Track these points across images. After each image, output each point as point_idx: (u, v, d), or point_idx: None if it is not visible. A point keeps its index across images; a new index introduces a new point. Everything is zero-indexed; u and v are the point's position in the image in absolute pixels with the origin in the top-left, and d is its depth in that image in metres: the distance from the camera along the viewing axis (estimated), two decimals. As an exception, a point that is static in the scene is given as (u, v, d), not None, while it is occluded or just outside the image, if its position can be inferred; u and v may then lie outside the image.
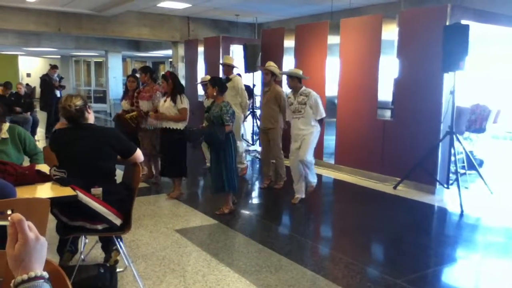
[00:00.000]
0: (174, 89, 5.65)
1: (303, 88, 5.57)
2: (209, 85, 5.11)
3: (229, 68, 7.06)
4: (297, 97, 5.54)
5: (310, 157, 5.59)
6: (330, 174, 7.45)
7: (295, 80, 5.56)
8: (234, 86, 6.86)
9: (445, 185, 6.10)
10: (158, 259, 3.90)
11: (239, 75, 7.62)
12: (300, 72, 5.67)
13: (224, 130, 4.88)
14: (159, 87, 6.39)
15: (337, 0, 9.03)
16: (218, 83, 5.09)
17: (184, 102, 5.63)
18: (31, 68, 24.12)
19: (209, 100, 5.63)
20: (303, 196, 5.74)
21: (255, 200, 6.41)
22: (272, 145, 6.34)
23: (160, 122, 5.77)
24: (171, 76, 5.72)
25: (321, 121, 5.61)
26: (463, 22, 5.67)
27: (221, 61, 8.42)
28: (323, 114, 5.54)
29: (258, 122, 8.51)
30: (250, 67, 8.70)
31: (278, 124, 6.30)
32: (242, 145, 7.25)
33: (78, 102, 3.18)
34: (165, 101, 5.73)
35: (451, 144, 5.87)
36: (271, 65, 6.38)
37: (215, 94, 5.04)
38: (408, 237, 4.73)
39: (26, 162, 3.78)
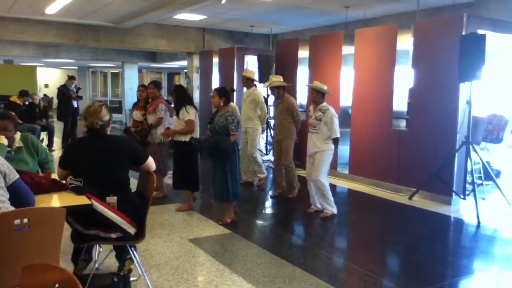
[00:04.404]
0: (177, 101, 5.62)
1: (324, 104, 5.41)
2: (216, 95, 5.16)
3: (248, 81, 7.08)
4: (315, 111, 5.44)
5: (323, 179, 5.43)
6: (344, 184, 7.40)
7: (318, 95, 5.41)
8: (254, 99, 6.94)
9: (462, 196, 6.01)
10: (171, 269, 3.91)
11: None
12: (325, 87, 5.46)
13: (229, 140, 4.93)
14: (163, 99, 6.42)
15: (352, 10, 9.04)
16: (225, 94, 5.18)
17: (190, 113, 5.49)
18: (49, 79, 24.57)
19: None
20: (321, 208, 5.64)
21: (268, 209, 6.40)
22: (284, 154, 6.34)
23: (171, 137, 5.73)
24: (175, 89, 5.75)
25: (336, 141, 5.40)
26: (480, 31, 5.63)
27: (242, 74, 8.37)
28: (337, 133, 5.33)
29: (272, 132, 8.51)
30: (264, 78, 8.73)
31: (291, 135, 6.31)
32: (260, 156, 7.24)
33: (105, 118, 3.26)
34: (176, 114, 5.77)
35: (468, 155, 5.80)
36: (272, 80, 6.39)
37: (221, 104, 5.11)
38: (423, 248, 4.66)
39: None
